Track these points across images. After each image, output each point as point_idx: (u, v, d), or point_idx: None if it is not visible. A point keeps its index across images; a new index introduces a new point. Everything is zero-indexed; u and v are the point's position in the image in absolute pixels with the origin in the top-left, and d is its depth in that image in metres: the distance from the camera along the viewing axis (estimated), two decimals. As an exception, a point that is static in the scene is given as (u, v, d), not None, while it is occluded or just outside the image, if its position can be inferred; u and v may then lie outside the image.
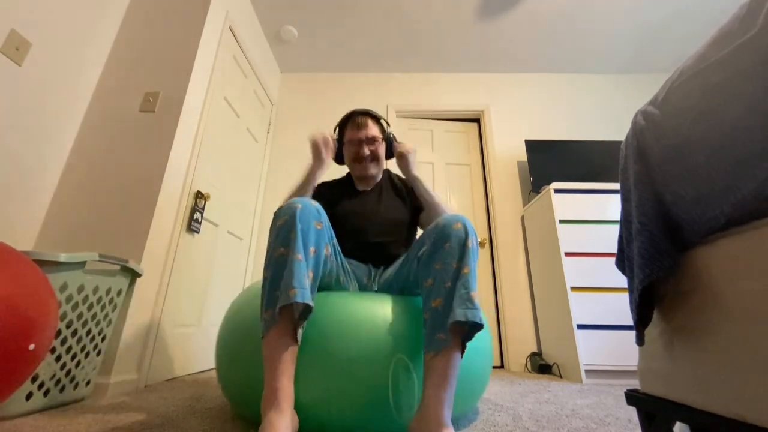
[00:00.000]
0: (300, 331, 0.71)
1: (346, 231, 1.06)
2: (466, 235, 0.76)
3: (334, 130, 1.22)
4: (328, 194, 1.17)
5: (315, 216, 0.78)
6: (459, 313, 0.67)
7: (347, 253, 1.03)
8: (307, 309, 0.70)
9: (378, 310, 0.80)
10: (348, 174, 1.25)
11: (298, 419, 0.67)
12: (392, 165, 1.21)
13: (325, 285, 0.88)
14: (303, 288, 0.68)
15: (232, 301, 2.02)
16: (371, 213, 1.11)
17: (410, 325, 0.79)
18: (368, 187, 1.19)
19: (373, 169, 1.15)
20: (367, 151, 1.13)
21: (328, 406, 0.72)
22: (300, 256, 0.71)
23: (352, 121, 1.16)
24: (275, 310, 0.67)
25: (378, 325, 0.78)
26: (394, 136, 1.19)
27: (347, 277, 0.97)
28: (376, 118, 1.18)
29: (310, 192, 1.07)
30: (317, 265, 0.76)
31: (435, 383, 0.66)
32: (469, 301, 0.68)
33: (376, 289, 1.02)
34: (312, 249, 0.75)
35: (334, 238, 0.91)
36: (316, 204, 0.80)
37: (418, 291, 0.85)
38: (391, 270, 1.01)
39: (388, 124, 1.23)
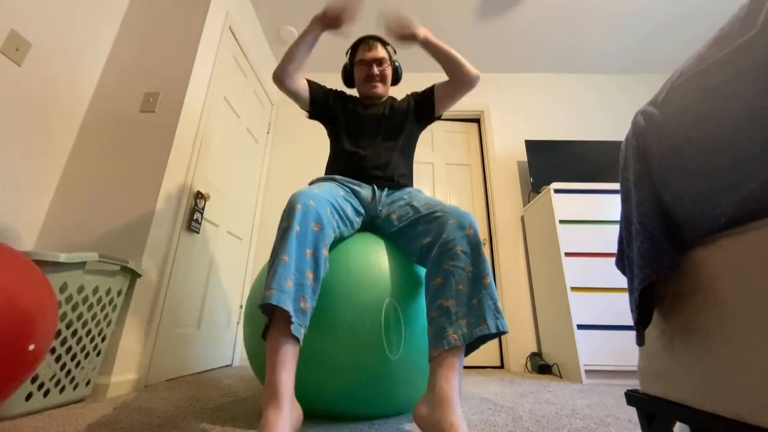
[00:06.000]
0: (301, 330, 0.70)
1: (352, 146, 1.13)
2: (477, 242, 0.79)
3: (346, 53, 1.32)
4: (341, 100, 1.25)
5: (314, 218, 0.79)
6: (491, 325, 0.71)
7: (353, 167, 1.10)
8: (299, 312, 0.70)
9: (372, 258, 0.90)
10: (356, 97, 1.31)
11: (301, 409, 0.68)
12: (394, 91, 1.35)
13: (338, 239, 0.93)
14: (281, 291, 0.68)
15: (232, 301, 2.03)
16: (375, 128, 1.18)
17: (399, 274, 0.89)
18: (374, 107, 1.25)
19: (381, 89, 1.24)
20: (376, 70, 1.22)
21: (328, 350, 0.80)
22: (286, 258, 0.71)
23: (363, 43, 1.25)
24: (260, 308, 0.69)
25: (372, 276, 0.87)
26: (399, 64, 1.31)
27: (350, 224, 0.97)
28: (384, 43, 1.27)
29: (310, 44, 1.11)
30: (316, 265, 0.76)
31: (446, 373, 0.68)
32: (497, 312, 0.73)
33: (380, 209, 1.05)
34: (309, 251, 0.75)
35: (336, 206, 0.90)
36: (317, 205, 0.80)
37: (409, 250, 0.93)
38: (397, 212, 1.00)
39: (395, 52, 1.32)
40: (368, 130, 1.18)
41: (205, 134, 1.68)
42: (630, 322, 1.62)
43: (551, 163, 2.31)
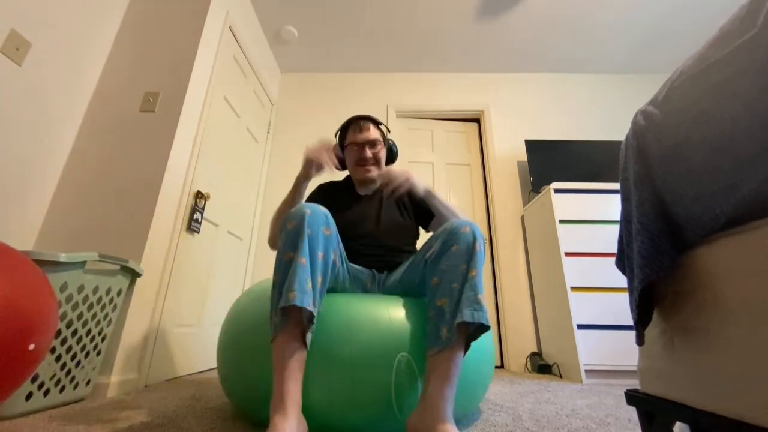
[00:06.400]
0: (309, 335, 0.70)
1: (349, 236, 1.05)
2: (473, 239, 0.78)
3: (335, 135, 1.23)
4: (328, 198, 1.17)
5: (323, 221, 0.78)
6: (467, 314, 0.69)
7: (350, 258, 1.03)
8: (312, 314, 0.70)
9: (382, 311, 0.81)
10: (347, 178, 1.26)
11: (306, 423, 0.67)
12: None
13: (331, 289, 0.89)
14: (303, 292, 0.68)
15: (232, 300, 2.03)
16: (374, 218, 1.11)
17: (414, 326, 0.79)
18: (369, 192, 1.20)
19: (374, 172, 1.15)
20: (369, 153, 1.13)
21: (332, 407, 0.73)
22: (304, 260, 0.71)
23: (354, 125, 1.17)
24: (279, 311, 0.68)
25: (382, 326, 0.78)
26: (393, 143, 1.23)
27: (353, 282, 0.98)
28: (377, 123, 1.19)
29: (301, 194, 1.04)
30: (326, 270, 0.76)
31: (437, 379, 0.67)
32: (476, 303, 0.71)
33: (380, 286, 1.02)
34: (320, 254, 0.75)
35: (341, 243, 0.92)
36: (324, 210, 0.80)
37: (424, 293, 0.86)
38: (396, 274, 1.00)
39: (389, 130, 1.25)
40: (364, 224, 1.10)
41: (205, 134, 1.68)
42: (630, 321, 1.62)
43: (551, 163, 2.31)
